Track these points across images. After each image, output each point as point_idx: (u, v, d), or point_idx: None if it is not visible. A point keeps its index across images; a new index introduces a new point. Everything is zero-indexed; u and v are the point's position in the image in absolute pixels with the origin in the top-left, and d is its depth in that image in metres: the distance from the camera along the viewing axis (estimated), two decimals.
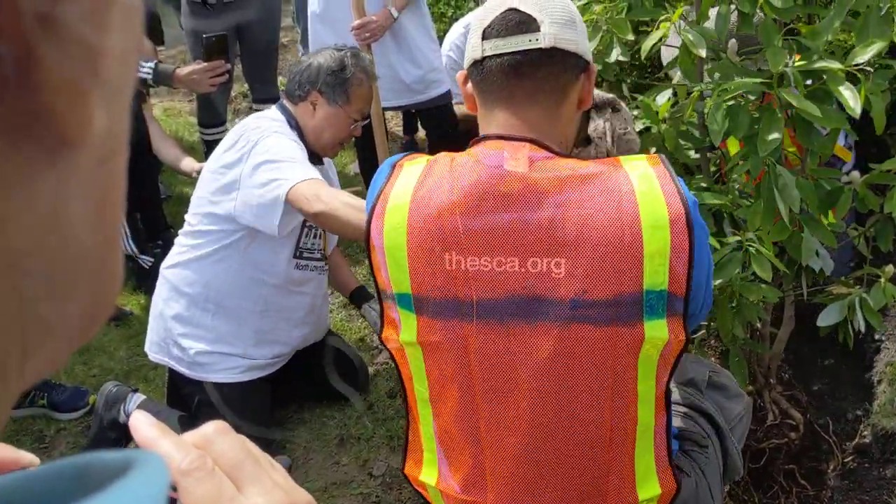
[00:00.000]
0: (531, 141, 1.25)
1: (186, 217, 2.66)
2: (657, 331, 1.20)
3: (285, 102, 2.59)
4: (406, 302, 1.27)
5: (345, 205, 2.09)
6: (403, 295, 1.27)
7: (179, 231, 2.69)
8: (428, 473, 1.41)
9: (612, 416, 1.25)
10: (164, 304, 2.63)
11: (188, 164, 3.77)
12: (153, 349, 2.70)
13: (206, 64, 3.31)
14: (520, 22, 1.23)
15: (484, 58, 1.24)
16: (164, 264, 2.67)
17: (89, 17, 0.25)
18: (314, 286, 2.70)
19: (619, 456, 1.28)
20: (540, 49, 1.23)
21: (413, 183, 1.27)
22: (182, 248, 2.62)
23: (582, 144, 1.60)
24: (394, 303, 1.30)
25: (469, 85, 1.32)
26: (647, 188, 1.20)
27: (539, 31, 1.23)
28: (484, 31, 1.24)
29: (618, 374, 1.22)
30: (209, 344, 2.58)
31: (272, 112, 2.59)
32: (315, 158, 2.59)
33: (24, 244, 0.26)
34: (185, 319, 2.60)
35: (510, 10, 1.24)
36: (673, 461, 1.35)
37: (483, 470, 1.33)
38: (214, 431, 0.51)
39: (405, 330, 1.30)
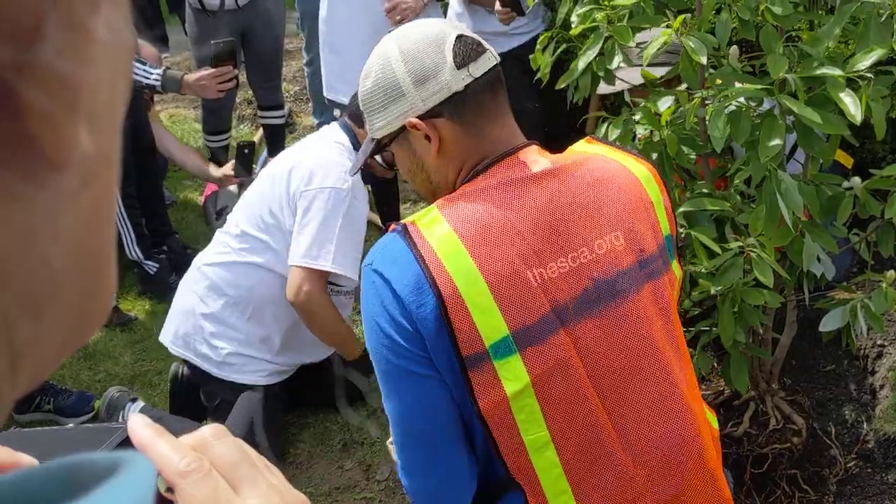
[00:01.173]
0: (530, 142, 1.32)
1: (232, 218, 2.66)
2: (677, 270, 1.36)
3: (349, 122, 2.63)
4: (505, 347, 1.17)
5: (323, 313, 2.40)
6: (501, 340, 1.17)
7: (221, 229, 2.69)
8: None
9: (685, 362, 1.34)
10: (200, 301, 2.63)
11: (215, 170, 3.85)
12: (177, 343, 2.69)
13: (213, 70, 3.33)
14: (476, 45, 1.28)
15: (466, 86, 1.26)
16: (203, 260, 2.67)
17: (65, 55, 0.26)
18: (345, 312, 2.74)
19: (693, 395, 1.34)
20: (496, 64, 1.31)
21: (447, 229, 1.20)
22: (226, 248, 2.63)
23: None
24: (487, 362, 1.17)
25: (439, 126, 1.27)
26: (616, 156, 1.35)
27: (487, 49, 1.30)
28: (455, 62, 1.25)
29: (675, 320, 1.34)
30: (240, 346, 2.61)
31: (336, 133, 2.63)
32: (367, 176, 2.68)
33: (5, 258, 0.27)
34: (218, 319, 2.61)
35: (459, 37, 1.27)
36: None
37: (630, 469, 1.25)
38: (211, 434, 0.52)
39: (510, 381, 1.18)
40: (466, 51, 1.26)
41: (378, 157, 2.60)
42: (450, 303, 1.15)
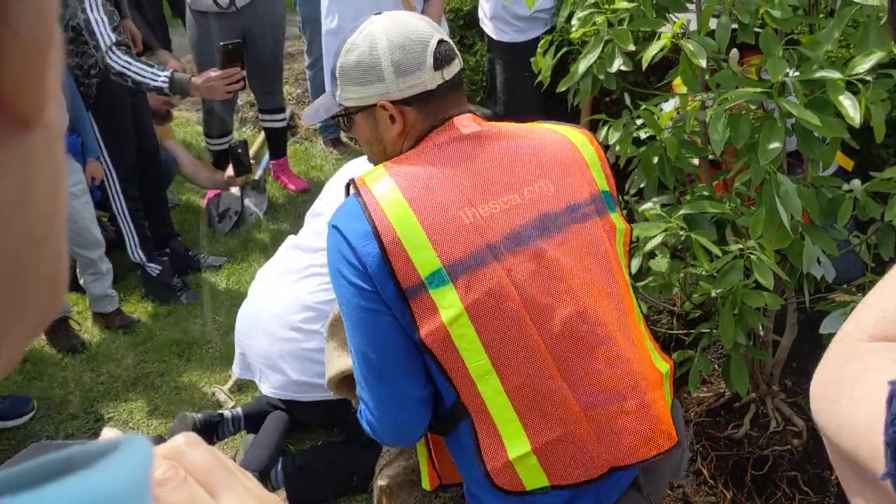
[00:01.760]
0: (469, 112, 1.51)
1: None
2: (618, 222, 1.51)
3: None
4: (439, 278, 1.34)
5: None
6: (434, 273, 1.34)
7: (318, 264, 2.55)
8: (518, 445, 1.38)
9: (626, 302, 1.47)
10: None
11: (225, 174, 3.90)
12: (301, 389, 2.60)
13: (222, 71, 3.33)
14: (451, 50, 1.49)
15: (438, 86, 1.46)
16: (315, 299, 2.55)
17: None
18: None
19: (639, 337, 1.48)
20: (462, 68, 1.52)
21: (389, 183, 1.39)
22: None
23: None
24: (424, 292, 1.34)
25: (406, 112, 1.46)
26: (559, 129, 1.54)
27: (457, 56, 1.51)
28: (434, 65, 1.45)
29: (613, 261, 1.47)
30: None
31: None
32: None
33: None
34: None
35: (441, 41, 1.47)
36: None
37: (569, 398, 1.38)
38: (185, 443, 0.52)
39: (445, 308, 1.34)
40: (445, 55, 1.46)
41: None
42: (389, 244, 1.33)
